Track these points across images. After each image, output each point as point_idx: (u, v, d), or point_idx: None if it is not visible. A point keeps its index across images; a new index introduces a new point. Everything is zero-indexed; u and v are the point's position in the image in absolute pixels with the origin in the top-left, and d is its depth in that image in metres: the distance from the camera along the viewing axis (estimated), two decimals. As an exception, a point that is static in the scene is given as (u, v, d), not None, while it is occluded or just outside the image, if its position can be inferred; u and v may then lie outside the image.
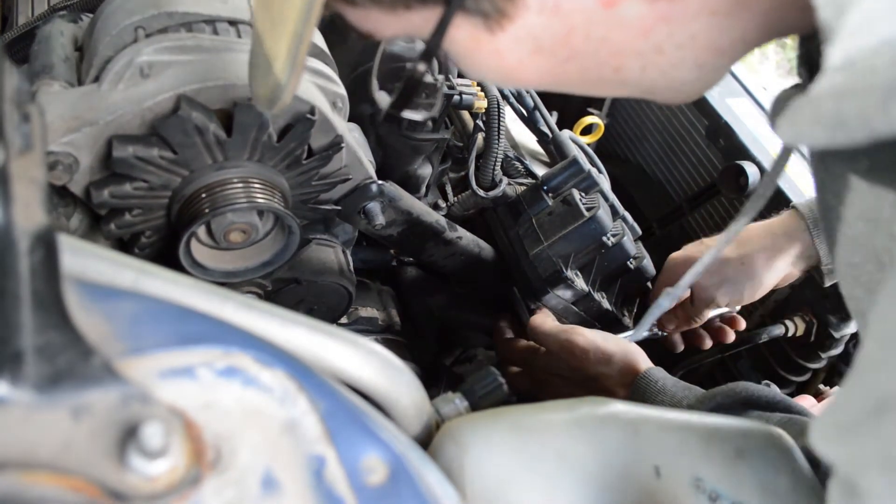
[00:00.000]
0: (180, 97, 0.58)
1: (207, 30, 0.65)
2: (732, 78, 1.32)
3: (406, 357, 0.97)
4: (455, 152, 1.02)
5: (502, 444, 0.44)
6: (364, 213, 0.78)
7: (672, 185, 1.35)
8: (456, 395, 0.51)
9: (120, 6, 0.65)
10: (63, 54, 0.67)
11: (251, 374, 0.36)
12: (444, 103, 0.85)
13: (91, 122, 0.57)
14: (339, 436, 0.36)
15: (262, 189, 0.64)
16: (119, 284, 0.38)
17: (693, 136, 1.29)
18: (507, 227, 0.96)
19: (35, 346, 0.31)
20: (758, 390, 0.66)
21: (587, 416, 0.48)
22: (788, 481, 0.47)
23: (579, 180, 0.96)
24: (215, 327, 0.38)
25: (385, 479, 0.36)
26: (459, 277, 1.03)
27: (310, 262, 0.79)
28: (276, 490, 0.33)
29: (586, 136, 1.30)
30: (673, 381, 0.79)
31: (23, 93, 0.33)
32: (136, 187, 0.61)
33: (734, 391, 0.67)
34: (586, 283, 0.93)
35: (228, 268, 0.69)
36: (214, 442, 0.33)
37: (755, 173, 1.13)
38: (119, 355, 0.34)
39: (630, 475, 0.45)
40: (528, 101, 1.07)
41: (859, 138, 0.32)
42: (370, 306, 0.98)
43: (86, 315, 0.34)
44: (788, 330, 1.10)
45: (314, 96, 0.66)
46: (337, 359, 0.42)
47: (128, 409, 0.32)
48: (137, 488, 0.30)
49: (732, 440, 0.48)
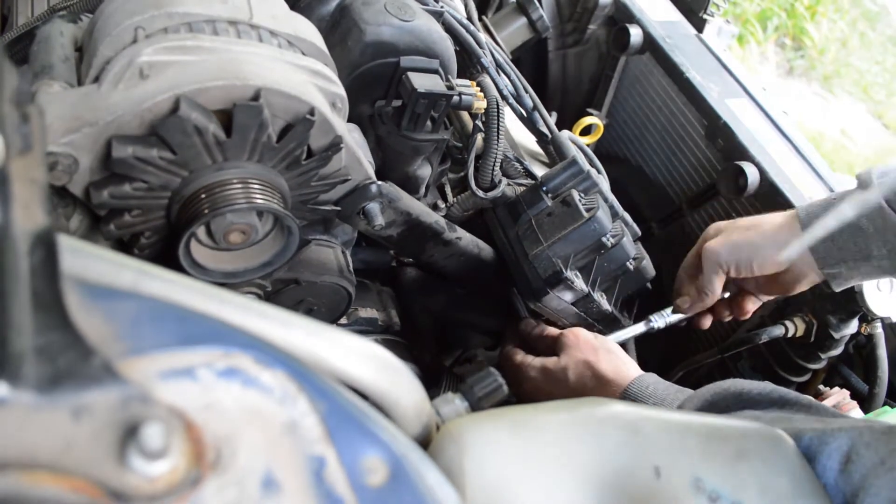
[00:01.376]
0: (180, 98, 0.58)
1: (207, 30, 0.65)
2: (732, 78, 1.32)
3: (406, 357, 0.97)
4: (454, 153, 1.02)
5: (502, 445, 0.44)
6: (363, 214, 0.78)
7: (672, 185, 1.35)
8: (456, 395, 0.51)
9: (120, 6, 0.65)
10: (63, 55, 0.67)
11: (251, 374, 0.36)
12: (443, 104, 0.85)
13: (91, 122, 0.57)
14: (339, 436, 0.36)
15: (261, 190, 0.64)
16: (119, 285, 0.38)
17: (693, 136, 1.29)
18: (506, 227, 0.96)
19: (35, 346, 0.31)
20: (748, 384, 0.65)
21: (587, 416, 0.48)
22: (788, 481, 0.47)
23: (579, 181, 0.96)
24: (215, 328, 0.38)
25: (385, 479, 0.36)
26: (459, 278, 1.03)
27: (309, 263, 0.79)
28: (276, 491, 0.33)
29: (586, 136, 1.31)
30: (665, 385, 0.80)
31: (22, 93, 0.33)
32: (136, 188, 0.61)
33: (722, 387, 0.66)
34: (586, 284, 0.93)
35: (228, 268, 0.69)
36: (215, 442, 0.33)
37: (754, 174, 1.13)
38: (119, 356, 0.34)
39: (630, 475, 0.45)
40: (528, 102, 1.07)
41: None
42: (370, 307, 0.98)
43: (86, 315, 0.34)
44: (788, 330, 1.10)
45: (314, 97, 0.66)
46: (337, 359, 0.42)
47: (128, 410, 0.32)
48: (138, 489, 0.30)
49: (732, 440, 0.48)
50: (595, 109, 1.46)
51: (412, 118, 0.85)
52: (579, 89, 1.52)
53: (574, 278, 0.91)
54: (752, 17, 4.04)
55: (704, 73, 1.29)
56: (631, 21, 1.35)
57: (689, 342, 1.35)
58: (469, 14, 1.13)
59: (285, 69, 0.66)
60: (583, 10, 1.40)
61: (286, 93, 0.62)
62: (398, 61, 0.84)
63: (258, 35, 0.68)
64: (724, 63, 1.34)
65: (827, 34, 4.22)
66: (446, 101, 0.85)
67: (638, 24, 1.34)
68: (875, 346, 1.10)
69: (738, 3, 4.04)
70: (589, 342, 0.92)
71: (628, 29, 1.32)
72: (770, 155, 1.17)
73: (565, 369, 0.91)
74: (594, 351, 0.91)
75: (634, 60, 1.39)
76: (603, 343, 0.93)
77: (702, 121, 1.25)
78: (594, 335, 0.94)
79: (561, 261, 0.90)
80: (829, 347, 1.10)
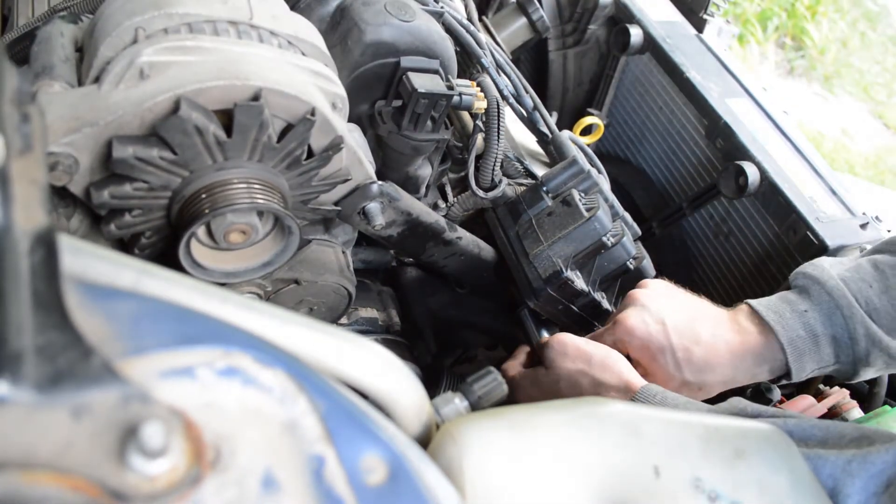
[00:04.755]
0: (180, 98, 0.58)
1: (208, 30, 0.65)
2: (732, 78, 1.32)
3: (406, 357, 0.97)
4: (455, 152, 1.02)
5: (502, 445, 0.44)
6: (364, 214, 0.79)
7: (672, 185, 1.35)
8: (456, 395, 0.51)
9: (120, 7, 0.65)
10: (63, 55, 0.67)
11: (251, 373, 0.36)
12: (444, 104, 0.86)
13: (91, 122, 0.58)
14: (339, 435, 0.36)
15: (261, 189, 0.64)
16: (119, 285, 0.38)
17: (693, 136, 1.29)
18: (506, 227, 0.97)
19: (35, 346, 0.31)
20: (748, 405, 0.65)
21: (587, 416, 0.48)
22: (787, 481, 0.47)
23: (579, 181, 0.96)
24: (215, 327, 0.38)
25: (385, 478, 0.36)
26: (459, 278, 1.04)
27: (310, 263, 0.79)
28: (275, 490, 0.33)
29: (586, 136, 1.31)
30: (673, 396, 0.76)
31: (23, 93, 0.33)
32: (136, 188, 0.61)
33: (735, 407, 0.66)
34: (586, 284, 0.93)
35: (228, 268, 0.69)
36: (214, 442, 0.33)
37: (755, 173, 1.14)
38: (119, 355, 0.34)
39: (629, 475, 0.45)
40: (528, 102, 1.07)
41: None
42: (370, 307, 0.98)
43: (86, 315, 0.35)
44: (788, 330, 1.10)
45: (314, 97, 0.66)
46: (337, 359, 0.42)
47: (128, 409, 0.32)
48: (138, 488, 0.30)
49: (731, 440, 0.48)
50: (595, 109, 1.46)
51: (412, 118, 0.85)
52: (579, 89, 1.52)
53: (574, 278, 0.91)
54: (753, 17, 4.04)
55: (705, 73, 1.29)
56: (631, 21, 1.35)
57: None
58: (469, 14, 1.13)
59: (286, 69, 0.66)
60: (583, 10, 1.40)
61: (286, 93, 0.62)
62: (398, 61, 0.84)
63: (258, 35, 0.68)
64: (724, 63, 1.34)
65: (827, 34, 4.21)
66: (447, 101, 0.85)
67: (638, 24, 1.34)
68: (875, 345, 1.10)
69: (738, 3, 4.04)
70: (579, 349, 0.86)
71: (628, 29, 1.32)
72: (770, 155, 1.17)
73: (556, 381, 0.86)
74: (587, 359, 0.85)
75: (635, 60, 1.39)
76: (596, 349, 0.86)
77: (702, 121, 1.25)
78: (584, 340, 0.88)
79: (561, 260, 0.90)
80: (829, 347, 1.10)
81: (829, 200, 1.15)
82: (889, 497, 0.49)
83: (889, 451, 0.51)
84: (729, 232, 1.24)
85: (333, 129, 0.68)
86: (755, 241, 1.19)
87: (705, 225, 1.29)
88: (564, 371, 0.86)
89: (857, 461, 0.51)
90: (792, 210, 1.10)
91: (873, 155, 3.68)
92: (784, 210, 1.11)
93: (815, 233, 1.07)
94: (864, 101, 4.07)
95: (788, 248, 1.12)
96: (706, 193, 1.26)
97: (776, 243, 1.15)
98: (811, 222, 1.08)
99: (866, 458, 0.51)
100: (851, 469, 0.51)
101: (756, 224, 1.18)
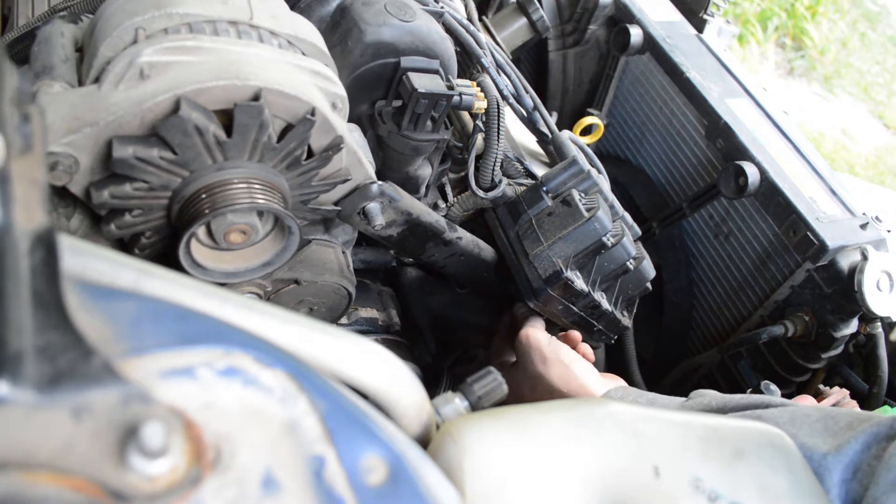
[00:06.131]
0: (180, 98, 0.58)
1: (208, 30, 0.65)
2: (732, 78, 1.32)
3: (406, 357, 0.97)
4: (455, 153, 1.02)
5: (502, 445, 0.44)
6: (364, 214, 0.79)
7: (672, 185, 1.36)
8: (456, 395, 0.51)
9: (120, 7, 0.65)
10: (63, 55, 0.67)
11: (251, 374, 0.36)
12: (444, 104, 0.85)
13: (91, 122, 0.58)
14: (339, 436, 0.36)
15: (261, 190, 0.64)
16: (119, 285, 0.38)
17: (693, 136, 1.29)
18: (506, 227, 0.96)
19: (35, 346, 0.31)
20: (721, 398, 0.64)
21: (587, 416, 0.48)
22: (787, 481, 0.47)
23: (579, 181, 0.96)
24: (215, 327, 0.38)
25: (385, 478, 0.36)
26: (459, 278, 1.03)
27: (310, 263, 0.79)
28: (276, 490, 0.33)
29: (586, 136, 1.31)
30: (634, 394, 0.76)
31: (23, 93, 0.33)
32: (137, 188, 0.61)
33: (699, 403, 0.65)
34: (586, 284, 0.93)
35: (228, 268, 0.69)
36: (215, 442, 0.33)
37: (755, 174, 1.14)
38: (119, 355, 0.34)
39: (629, 475, 0.45)
40: (528, 102, 1.07)
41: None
42: (370, 307, 0.98)
43: (86, 315, 0.35)
44: (788, 330, 1.10)
45: (314, 97, 0.66)
46: (337, 359, 0.42)
47: (128, 409, 0.32)
48: (138, 488, 0.30)
49: (731, 440, 0.48)
50: (595, 109, 1.46)
51: (412, 118, 0.85)
52: (579, 89, 1.52)
53: (574, 278, 0.91)
54: (752, 17, 4.04)
55: (705, 73, 1.29)
56: (631, 21, 1.35)
57: (689, 342, 1.35)
58: (469, 14, 1.13)
59: (286, 69, 0.66)
60: (583, 10, 1.40)
61: (286, 93, 0.62)
62: (398, 62, 0.84)
63: (258, 35, 0.68)
64: (724, 63, 1.34)
65: (827, 34, 4.21)
66: (447, 102, 0.85)
67: (638, 24, 1.34)
68: (875, 345, 1.10)
69: (738, 3, 4.04)
70: (540, 351, 0.86)
71: (628, 29, 1.33)
72: (770, 155, 1.17)
73: (520, 383, 0.87)
74: (544, 362, 0.85)
75: (635, 60, 1.39)
76: (556, 351, 0.85)
77: (702, 121, 1.25)
78: (550, 338, 0.88)
79: (561, 260, 0.90)
80: (829, 347, 1.10)
81: (829, 200, 1.15)
82: (858, 483, 0.50)
83: (858, 439, 0.51)
84: (729, 232, 1.24)
85: (333, 129, 0.68)
86: (755, 242, 1.19)
87: (705, 225, 1.29)
88: (525, 375, 0.88)
89: (832, 455, 0.51)
90: (792, 210, 1.10)
91: (873, 155, 3.68)
92: (784, 210, 1.11)
93: (815, 233, 1.07)
94: (864, 102, 4.07)
95: (788, 248, 1.12)
96: (706, 193, 1.26)
97: (776, 243, 1.15)
98: (811, 222, 1.08)
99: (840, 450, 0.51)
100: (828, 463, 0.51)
101: (756, 224, 1.19)
